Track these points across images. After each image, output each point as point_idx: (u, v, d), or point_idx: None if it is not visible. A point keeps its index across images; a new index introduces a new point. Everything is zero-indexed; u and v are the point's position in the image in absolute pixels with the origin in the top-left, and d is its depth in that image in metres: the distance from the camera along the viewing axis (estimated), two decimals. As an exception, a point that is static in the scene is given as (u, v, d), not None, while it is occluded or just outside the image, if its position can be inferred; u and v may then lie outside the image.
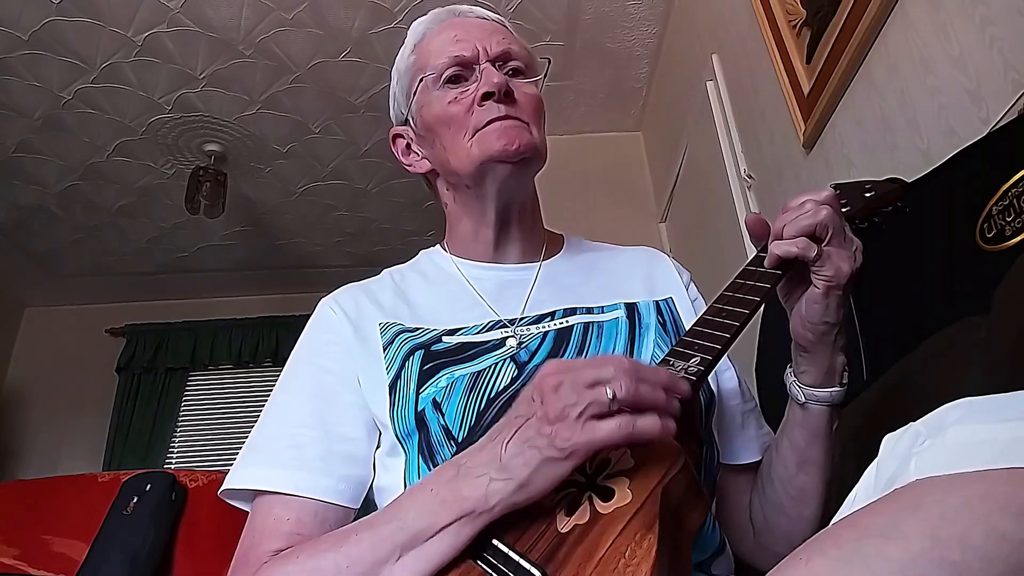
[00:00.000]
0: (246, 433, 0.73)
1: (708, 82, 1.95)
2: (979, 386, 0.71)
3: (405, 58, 0.86)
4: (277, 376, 0.77)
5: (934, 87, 1.01)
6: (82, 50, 2.32)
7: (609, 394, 0.50)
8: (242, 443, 0.72)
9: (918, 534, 0.34)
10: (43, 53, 2.30)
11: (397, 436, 0.69)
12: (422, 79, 0.81)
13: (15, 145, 2.74)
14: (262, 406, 0.75)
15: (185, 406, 3.77)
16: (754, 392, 0.87)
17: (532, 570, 0.51)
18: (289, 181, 3.13)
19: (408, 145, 0.87)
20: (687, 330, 0.65)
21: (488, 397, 0.68)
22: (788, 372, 0.72)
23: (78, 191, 3.05)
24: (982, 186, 0.79)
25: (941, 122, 1.00)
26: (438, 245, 0.90)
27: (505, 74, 0.79)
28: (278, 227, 3.49)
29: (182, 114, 2.66)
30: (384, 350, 0.75)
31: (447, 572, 0.55)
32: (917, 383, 0.85)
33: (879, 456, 0.43)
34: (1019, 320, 0.67)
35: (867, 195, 0.73)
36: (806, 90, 1.36)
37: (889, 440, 0.43)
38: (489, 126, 0.76)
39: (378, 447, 0.72)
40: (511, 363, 0.71)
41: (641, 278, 0.86)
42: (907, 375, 0.87)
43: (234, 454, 0.92)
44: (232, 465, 0.71)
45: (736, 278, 0.68)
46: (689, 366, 0.59)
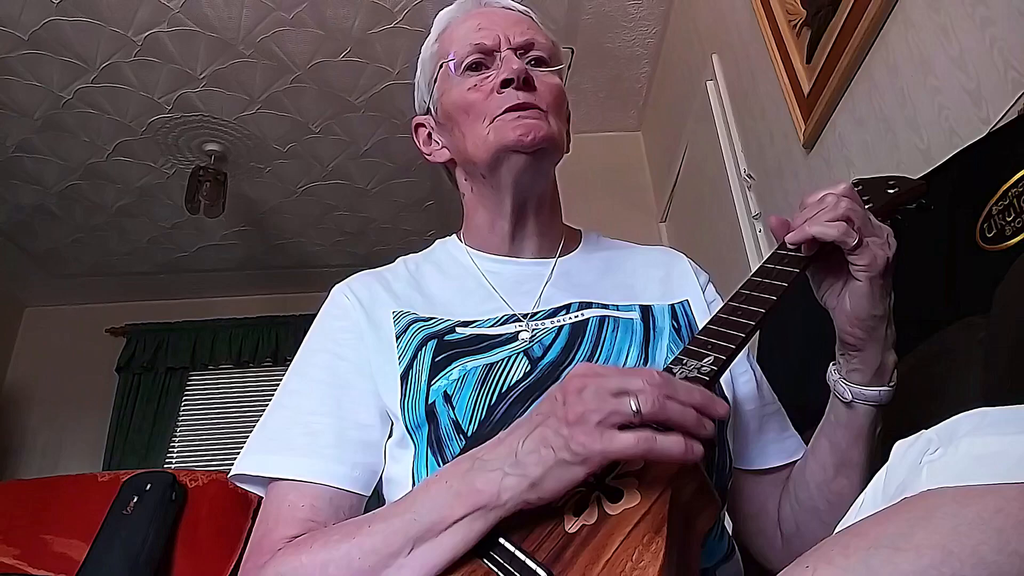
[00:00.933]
0: (246, 433, 0.73)
1: (708, 82, 1.95)
2: (979, 386, 0.71)
3: (429, 47, 0.86)
4: (277, 376, 0.77)
5: (934, 87, 1.01)
6: (82, 50, 2.32)
7: (633, 407, 0.49)
8: (243, 443, 0.72)
9: (929, 546, 0.33)
10: (43, 53, 2.30)
11: (407, 427, 0.69)
12: (443, 64, 0.81)
13: (15, 145, 2.74)
14: (263, 406, 0.75)
15: (185, 406, 3.77)
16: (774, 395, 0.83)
17: (538, 570, 0.50)
18: (289, 181, 3.12)
19: (429, 135, 0.87)
20: (701, 328, 0.63)
21: (500, 391, 0.68)
22: (832, 370, 0.69)
23: (78, 191, 3.05)
24: (982, 186, 0.79)
25: (941, 122, 1.00)
26: (454, 235, 0.89)
27: (527, 63, 0.79)
28: (278, 227, 3.48)
29: (182, 114, 2.66)
30: (397, 339, 0.74)
31: (453, 570, 0.55)
32: (917, 383, 0.85)
33: (889, 462, 0.42)
34: (1019, 320, 0.67)
35: (890, 191, 0.72)
36: (806, 90, 1.36)
37: (900, 446, 0.42)
38: (507, 114, 0.76)
39: (389, 436, 0.72)
40: (523, 357, 0.71)
41: (657, 280, 0.84)
42: (907, 375, 0.87)
43: (234, 454, 0.92)
44: (236, 458, 0.71)
45: (753, 275, 0.65)
46: (702, 365, 0.57)
